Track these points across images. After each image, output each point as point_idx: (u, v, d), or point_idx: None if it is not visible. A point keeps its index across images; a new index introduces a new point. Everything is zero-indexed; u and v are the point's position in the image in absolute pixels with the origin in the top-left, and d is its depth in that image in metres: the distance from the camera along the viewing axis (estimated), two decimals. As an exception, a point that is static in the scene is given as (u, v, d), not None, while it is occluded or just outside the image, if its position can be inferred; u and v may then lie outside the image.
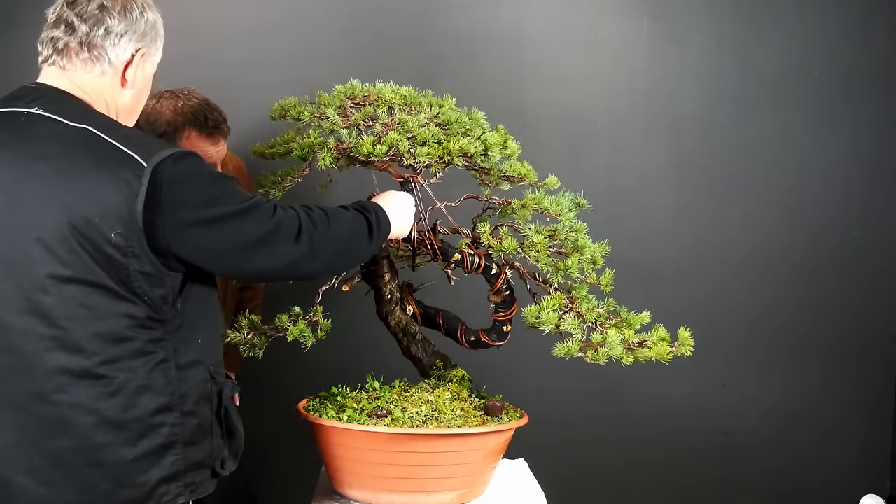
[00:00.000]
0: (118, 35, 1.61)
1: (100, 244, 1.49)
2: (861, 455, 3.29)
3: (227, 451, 1.70)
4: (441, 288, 2.16)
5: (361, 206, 1.79)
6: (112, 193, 1.48)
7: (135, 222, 1.48)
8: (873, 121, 3.19)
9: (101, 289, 1.51)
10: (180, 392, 1.59)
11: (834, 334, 3.23)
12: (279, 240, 1.58)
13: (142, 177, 1.48)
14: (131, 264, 1.51)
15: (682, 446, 3.20)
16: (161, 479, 1.58)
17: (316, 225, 1.64)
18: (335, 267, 1.79)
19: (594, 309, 1.99)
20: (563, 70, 3.08)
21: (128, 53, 1.63)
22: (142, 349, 1.55)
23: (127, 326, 1.53)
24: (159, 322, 1.57)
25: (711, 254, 3.17)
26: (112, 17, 1.60)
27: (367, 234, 1.75)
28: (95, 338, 1.51)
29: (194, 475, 1.63)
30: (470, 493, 1.99)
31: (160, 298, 1.55)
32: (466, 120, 2.04)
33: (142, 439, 1.56)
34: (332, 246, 1.67)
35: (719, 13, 3.12)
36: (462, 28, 3.05)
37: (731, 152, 3.16)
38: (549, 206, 2.02)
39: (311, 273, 1.67)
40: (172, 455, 1.59)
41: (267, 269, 1.62)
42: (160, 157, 1.50)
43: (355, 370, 2.19)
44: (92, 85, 1.62)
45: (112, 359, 1.53)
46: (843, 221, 3.21)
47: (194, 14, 2.89)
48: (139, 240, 1.50)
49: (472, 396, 2.07)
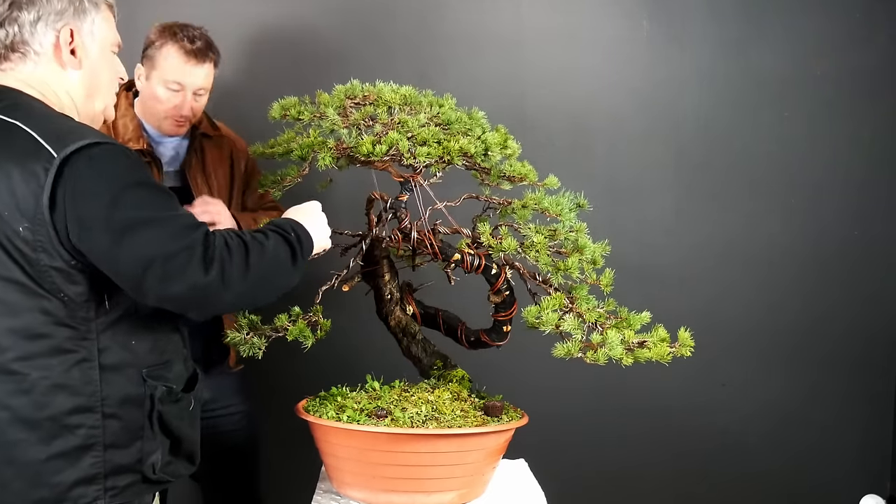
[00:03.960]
0: (32, 24, 1.58)
1: (11, 238, 1.47)
2: (861, 455, 3.29)
3: (164, 454, 1.64)
4: (441, 288, 2.16)
5: (278, 227, 1.66)
6: (20, 186, 1.46)
7: (41, 216, 1.45)
8: (875, 121, 3.19)
9: (13, 283, 1.49)
10: (102, 393, 1.56)
11: (834, 334, 3.23)
12: (187, 261, 1.46)
13: (49, 169, 1.44)
14: (41, 259, 1.48)
15: (682, 446, 3.20)
16: (77, 481, 1.55)
17: (231, 253, 1.52)
18: (252, 300, 1.61)
19: (594, 309, 1.99)
20: (563, 70, 3.08)
21: (51, 37, 1.60)
22: (59, 346, 1.52)
23: (42, 323, 1.50)
24: (81, 320, 1.53)
25: (712, 254, 3.17)
26: (20, 9, 1.58)
27: (289, 259, 1.62)
28: (9, 333, 1.50)
29: (116, 479, 1.59)
30: (470, 493, 1.99)
31: (78, 296, 1.51)
32: (466, 120, 2.04)
33: (56, 439, 1.53)
34: (250, 277, 1.53)
35: (719, 13, 3.11)
36: (462, 28, 3.05)
37: (731, 152, 3.16)
38: (549, 206, 2.02)
39: (221, 305, 1.53)
40: (91, 457, 1.56)
41: (170, 291, 1.47)
42: (73, 148, 1.46)
43: (355, 370, 2.19)
44: (34, 78, 1.60)
45: (26, 355, 1.50)
46: (844, 221, 3.21)
47: (194, 14, 2.88)
48: (47, 234, 1.46)
49: (472, 396, 2.07)
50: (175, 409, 1.66)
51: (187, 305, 1.52)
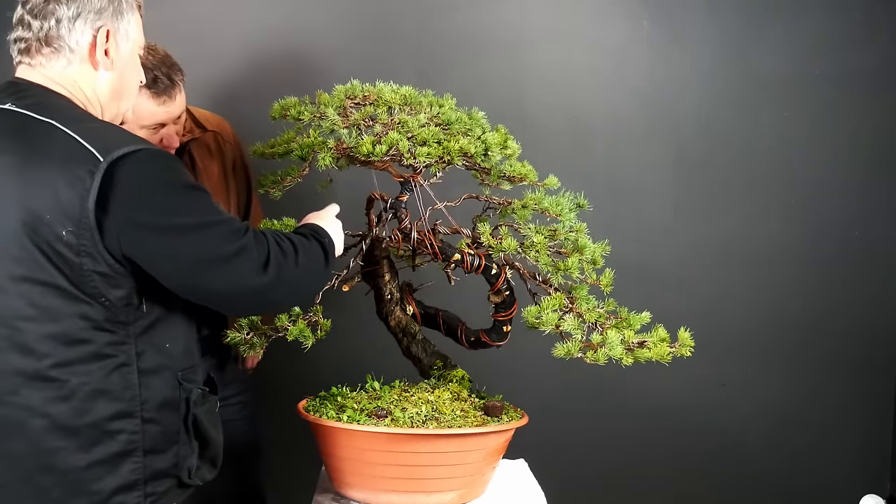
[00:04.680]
0: (70, 20, 1.55)
1: (52, 242, 1.44)
2: (861, 455, 3.29)
3: (196, 459, 1.64)
4: (441, 288, 2.16)
5: (313, 231, 1.72)
6: (64, 190, 1.43)
7: (86, 220, 1.42)
8: (875, 121, 3.19)
9: (54, 288, 1.46)
10: (141, 398, 1.54)
11: (834, 333, 3.23)
12: (243, 263, 1.51)
13: (95, 173, 1.42)
14: (84, 263, 1.45)
15: (682, 446, 3.20)
16: (118, 488, 1.52)
17: (286, 255, 1.57)
18: (296, 299, 1.72)
19: (594, 309, 1.99)
20: (563, 70, 3.08)
21: (88, 36, 1.57)
22: (98, 352, 1.49)
23: (82, 328, 1.48)
24: (120, 324, 1.51)
25: (712, 254, 3.17)
26: (60, 5, 1.55)
27: (324, 262, 1.69)
28: (48, 339, 1.47)
29: (155, 485, 1.57)
30: (470, 493, 1.99)
31: (119, 300, 1.49)
32: (466, 120, 2.03)
33: (96, 446, 1.50)
34: (297, 278, 1.60)
35: (719, 13, 3.11)
36: (462, 28, 3.05)
37: (731, 152, 3.16)
38: (549, 206, 2.02)
39: (273, 303, 1.63)
40: (131, 463, 1.53)
41: (225, 291, 1.52)
42: (119, 153, 1.44)
43: (355, 370, 2.19)
44: (63, 77, 1.58)
45: (65, 361, 1.47)
46: (844, 221, 3.21)
47: (194, 14, 2.89)
48: (91, 238, 1.44)
49: (472, 396, 2.07)
50: (206, 412, 1.66)
51: (240, 305, 1.60)
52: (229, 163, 2.49)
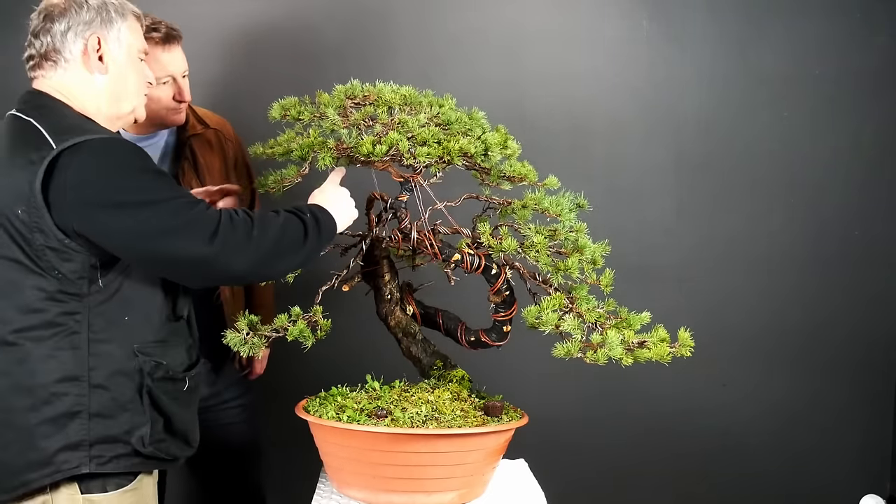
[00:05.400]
0: (63, 34, 1.74)
1: (12, 220, 1.63)
2: (861, 455, 3.29)
3: (155, 430, 1.74)
4: (441, 288, 2.16)
5: (296, 208, 1.82)
6: (20, 173, 1.62)
7: (34, 199, 1.60)
8: (875, 120, 3.19)
9: (14, 263, 1.65)
10: (90, 365, 1.68)
11: (835, 334, 3.23)
12: (190, 234, 1.63)
13: (46, 157, 1.60)
14: (37, 239, 1.63)
15: (683, 446, 3.20)
16: (64, 447, 1.67)
17: (234, 227, 1.67)
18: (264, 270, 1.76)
19: (594, 309, 1.98)
20: (562, 70, 3.08)
21: (80, 45, 1.75)
22: (52, 321, 1.66)
23: (38, 298, 1.66)
24: (73, 296, 1.67)
25: (712, 254, 3.17)
26: (54, 21, 1.74)
27: (301, 237, 1.77)
28: (11, 308, 1.66)
29: (103, 448, 1.70)
30: (470, 493, 1.98)
31: (72, 273, 1.66)
32: (466, 120, 2.03)
33: (45, 405, 1.66)
34: (256, 249, 1.69)
35: (719, 13, 3.11)
36: (462, 28, 3.05)
37: (731, 152, 3.16)
38: (549, 206, 2.02)
39: (229, 273, 1.70)
40: (77, 425, 1.68)
41: (173, 259, 1.65)
42: (74, 141, 1.61)
43: (355, 370, 2.19)
44: (64, 84, 1.76)
45: (22, 328, 1.66)
46: (844, 221, 3.21)
47: (194, 14, 2.89)
48: (41, 216, 1.61)
49: (472, 396, 2.07)
50: (168, 387, 1.77)
51: (190, 274, 1.71)
52: (231, 160, 2.50)
